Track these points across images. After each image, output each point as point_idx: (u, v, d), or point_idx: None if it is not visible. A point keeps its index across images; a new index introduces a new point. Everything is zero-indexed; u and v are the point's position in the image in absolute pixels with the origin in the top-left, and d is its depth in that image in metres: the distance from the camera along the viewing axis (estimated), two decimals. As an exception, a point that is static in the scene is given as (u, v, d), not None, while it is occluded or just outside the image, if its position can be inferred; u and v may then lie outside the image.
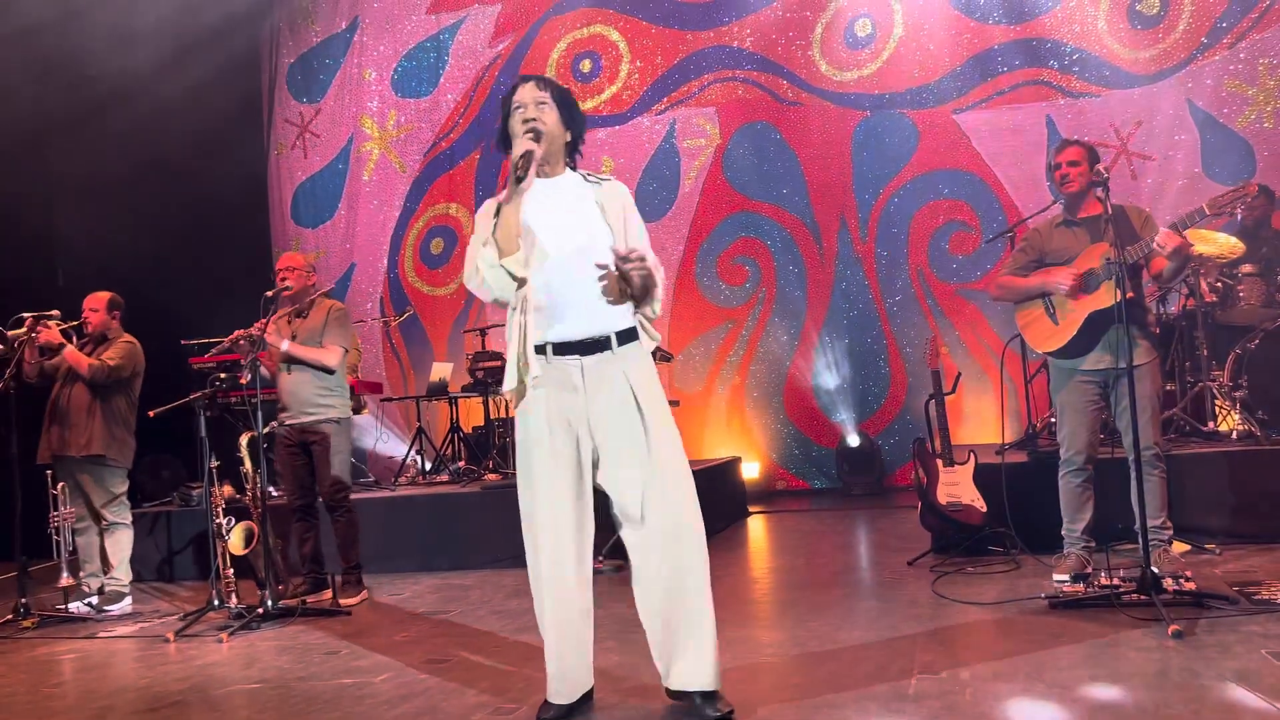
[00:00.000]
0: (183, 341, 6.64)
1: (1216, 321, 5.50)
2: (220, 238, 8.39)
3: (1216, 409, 5.33)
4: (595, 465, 2.75)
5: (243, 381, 4.80)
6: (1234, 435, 5.08)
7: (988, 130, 7.94)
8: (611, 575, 5.18)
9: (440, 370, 7.98)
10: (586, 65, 9.05)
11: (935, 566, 4.65)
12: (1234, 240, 5.54)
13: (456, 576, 5.58)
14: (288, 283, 5.05)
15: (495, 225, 2.67)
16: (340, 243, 9.51)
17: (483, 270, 2.66)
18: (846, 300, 8.21)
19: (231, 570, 4.92)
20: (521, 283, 2.69)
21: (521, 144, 2.68)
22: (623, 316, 2.75)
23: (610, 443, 2.71)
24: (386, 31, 9.51)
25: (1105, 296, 3.96)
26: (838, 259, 8.27)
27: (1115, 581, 3.67)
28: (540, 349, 2.74)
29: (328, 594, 5.01)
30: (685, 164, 8.70)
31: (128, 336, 5.43)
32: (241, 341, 4.89)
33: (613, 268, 2.66)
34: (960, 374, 6.38)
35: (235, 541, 4.94)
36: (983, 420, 7.69)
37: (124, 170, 7.71)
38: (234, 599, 4.84)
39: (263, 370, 4.99)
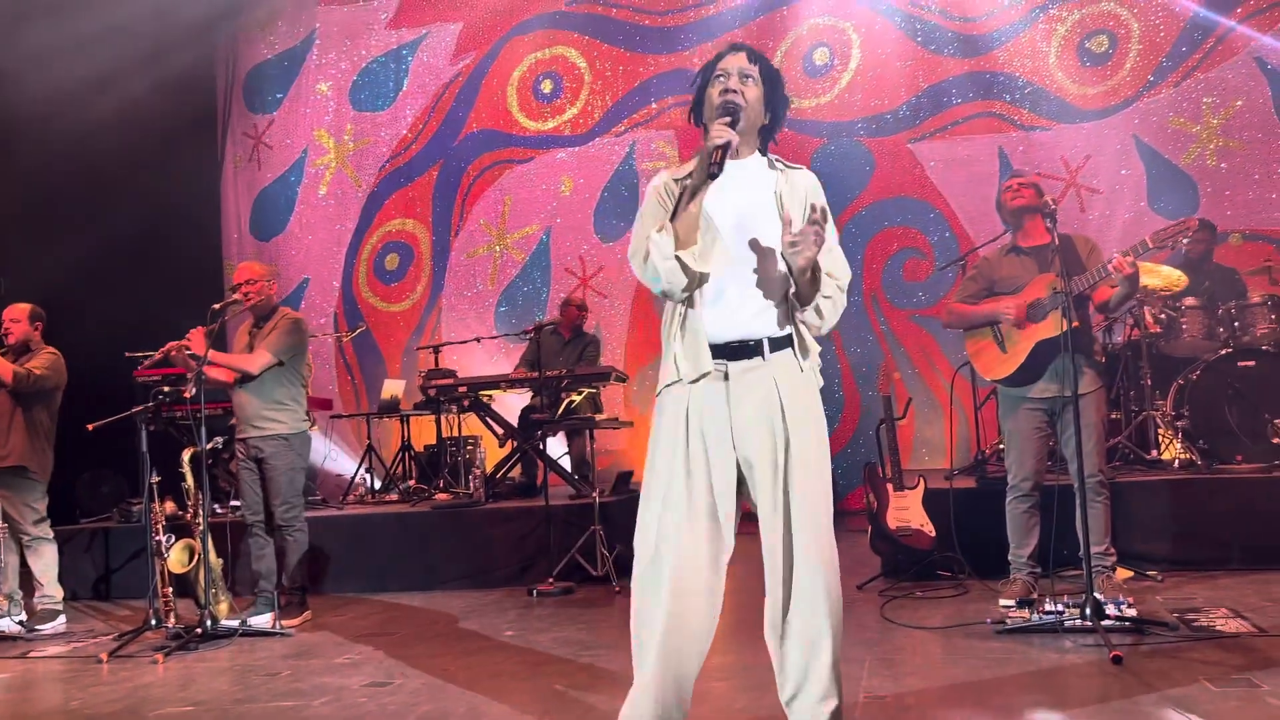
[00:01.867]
0: (127, 354, 6.50)
1: (1160, 352, 5.61)
2: (170, 250, 8.24)
3: (1159, 438, 5.43)
4: (742, 480, 2.48)
5: (187, 395, 4.69)
6: (1176, 464, 5.18)
7: (941, 160, 8.06)
8: (559, 598, 5.13)
9: (392, 387, 7.89)
10: (548, 86, 9.06)
11: (885, 591, 4.67)
12: (1178, 273, 5.66)
13: (405, 598, 5.49)
14: (248, 295, 4.95)
15: (675, 211, 2.39)
16: (293, 256, 9.39)
17: (654, 258, 2.37)
18: (801, 324, 8.24)
19: (170, 589, 4.81)
20: (696, 279, 2.40)
21: (720, 132, 2.34)
22: (780, 322, 2.46)
23: (755, 458, 2.44)
24: (345, 45, 9.45)
25: (1052, 325, 4.02)
26: (793, 283, 8.31)
27: (1060, 607, 3.71)
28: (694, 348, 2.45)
29: (271, 616, 4.89)
30: (644, 185, 8.70)
31: (51, 348, 5.30)
32: (175, 353, 4.79)
33: (780, 250, 2.40)
34: (911, 399, 6.44)
35: (175, 559, 4.82)
36: (933, 446, 7.76)
37: (71, 180, 7.56)
38: (172, 619, 4.72)
39: (219, 382, 4.89)
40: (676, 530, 2.41)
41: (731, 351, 2.44)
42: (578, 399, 6.65)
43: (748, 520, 2.53)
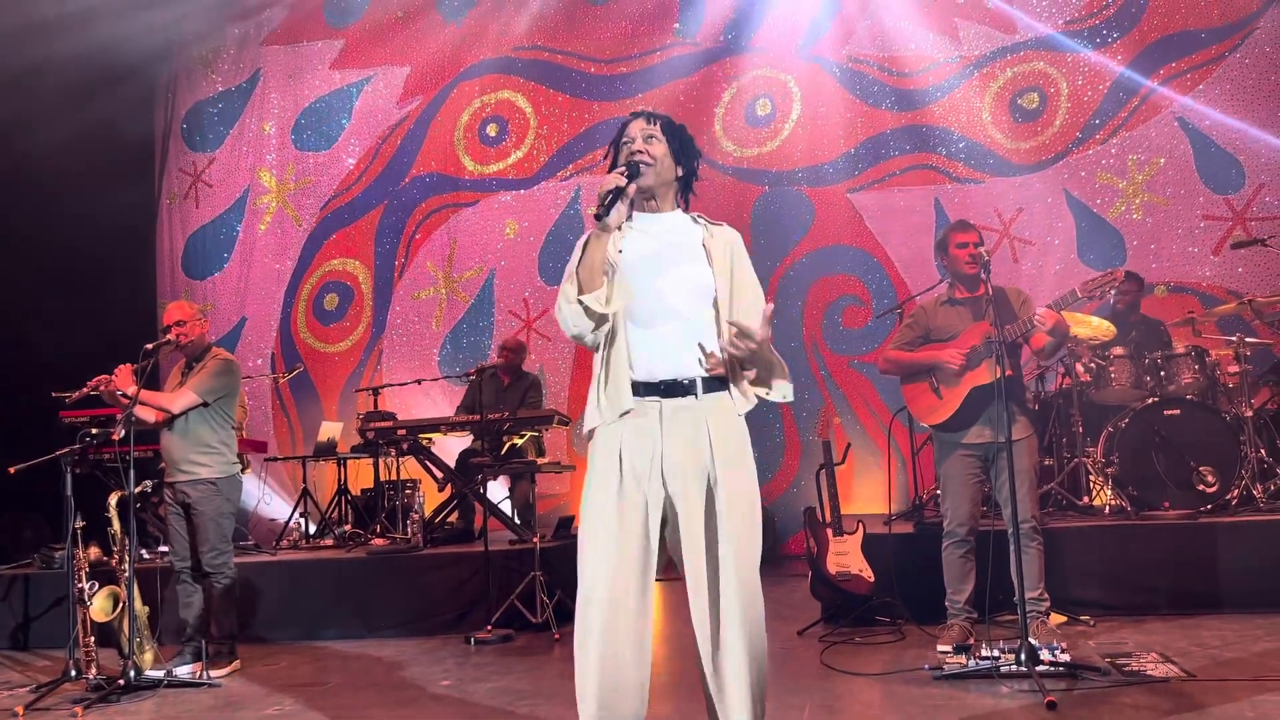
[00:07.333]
0: (53, 394, 6.30)
1: (1090, 400, 5.75)
2: (102, 287, 8.05)
3: (1091, 484, 5.55)
4: (665, 520, 2.48)
5: (115, 438, 4.55)
6: (1106, 510, 5.29)
7: (879, 210, 8.24)
8: (498, 646, 5.05)
9: (329, 430, 7.76)
10: (493, 130, 9.10)
11: (824, 636, 4.67)
12: (1106, 323, 5.84)
13: (339, 646, 5.36)
14: (181, 335, 4.83)
15: (580, 260, 2.48)
16: (230, 295, 9.26)
17: (561, 304, 2.47)
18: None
19: (92, 639, 4.63)
20: (601, 321, 2.47)
21: (609, 179, 2.48)
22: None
23: (682, 496, 2.45)
24: (289, 85, 9.42)
25: (986, 373, 4.11)
26: (735, 329, 8.38)
27: (995, 653, 3.74)
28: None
29: (198, 666, 4.73)
30: (589, 230, 8.76)
31: None
32: (103, 389, 4.66)
33: (719, 349, 2.47)
34: (850, 444, 6.50)
35: (98, 607, 4.65)
36: (872, 491, 7.83)
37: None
38: (93, 669, 4.54)
39: (146, 422, 4.74)
40: (608, 578, 2.40)
41: (665, 389, 2.49)
42: (520, 441, 6.61)
43: (681, 570, 2.50)
